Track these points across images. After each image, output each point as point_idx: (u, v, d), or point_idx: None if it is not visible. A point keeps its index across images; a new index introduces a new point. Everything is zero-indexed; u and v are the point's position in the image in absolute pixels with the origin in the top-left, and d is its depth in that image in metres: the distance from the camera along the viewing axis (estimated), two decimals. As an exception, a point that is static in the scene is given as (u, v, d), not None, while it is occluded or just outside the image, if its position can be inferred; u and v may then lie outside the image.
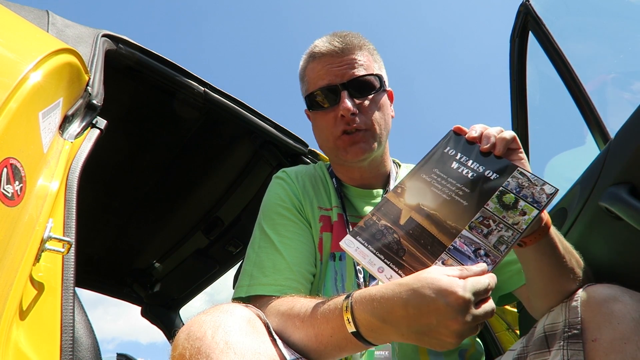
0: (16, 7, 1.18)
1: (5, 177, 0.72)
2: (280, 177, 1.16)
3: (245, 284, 0.97)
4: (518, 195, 0.73)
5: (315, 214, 1.09)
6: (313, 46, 1.12)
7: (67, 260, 0.87)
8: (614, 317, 0.71)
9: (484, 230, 0.70)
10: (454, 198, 0.75)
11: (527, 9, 1.50)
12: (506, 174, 0.76)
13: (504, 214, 0.71)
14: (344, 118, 1.04)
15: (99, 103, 1.16)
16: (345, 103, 1.03)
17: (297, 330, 0.76)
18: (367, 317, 0.67)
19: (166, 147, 2.06)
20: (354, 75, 1.06)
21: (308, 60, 1.13)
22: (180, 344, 0.66)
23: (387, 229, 0.75)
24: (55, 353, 0.77)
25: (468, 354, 1.03)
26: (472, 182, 0.76)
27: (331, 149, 1.10)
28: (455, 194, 0.76)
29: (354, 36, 1.11)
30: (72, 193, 0.94)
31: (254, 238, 1.07)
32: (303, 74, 1.15)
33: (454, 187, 0.77)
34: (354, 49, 1.09)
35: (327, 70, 1.07)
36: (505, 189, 0.74)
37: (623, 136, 0.94)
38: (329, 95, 1.07)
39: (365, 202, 1.13)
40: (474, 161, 0.79)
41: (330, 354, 0.74)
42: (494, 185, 0.75)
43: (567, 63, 1.39)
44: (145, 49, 1.54)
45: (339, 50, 1.08)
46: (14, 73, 0.80)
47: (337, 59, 1.08)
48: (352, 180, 1.16)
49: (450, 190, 0.76)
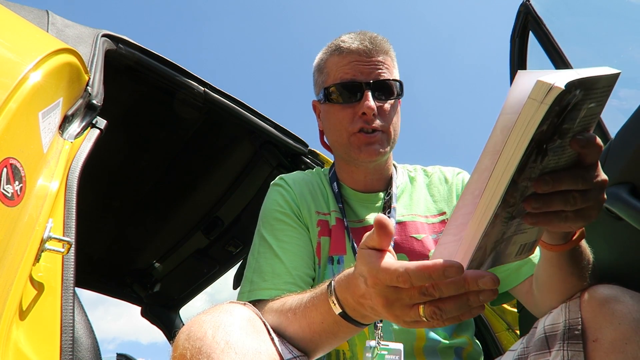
0: (16, 7, 1.18)
1: (5, 177, 0.72)
2: (278, 184, 1.17)
3: (246, 290, 0.99)
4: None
5: (313, 218, 1.09)
6: (340, 40, 1.11)
7: (67, 260, 0.87)
8: (615, 317, 0.71)
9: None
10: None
11: (527, 9, 1.50)
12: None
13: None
14: (364, 116, 1.05)
15: (99, 103, 1.16)
16: (369, 101, 1.03)
17: (290, 324, 0.77)
18: (347, 296, 0.67)
19: (166, 147, 2.06)
20: (380, 77, 1.07)
21: (332, 52, 1.12)
22: (181, 344, 0.66)
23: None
24: (55, 353, 0.77)
25: (465, 352, 1.03)
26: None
27: (344, 145, 1.10)
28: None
29: (382, 39, 1.11)
30: (72, 193, 0.94)
31: (253, 245, 1.08)
32: (323, 65, 1.14)
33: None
34: (381, 52, 1.09)
35: (353, 67, 1.07)
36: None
37: (623, 136, 0.93)
38: (351, 91, 1.07)
39: (367, 208, 1.13)
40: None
41: (325, 342, 0.74)
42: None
43: (567, 63, 1.39)
44: (145, 49, 1.54)
45: (368, 50, 1.08)
46: (14, 73, 0.79)
47: (365, 58, 1.07)
48: (355, 183, 1.16)
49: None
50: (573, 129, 0.55)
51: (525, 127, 0.50)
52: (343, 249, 1.05)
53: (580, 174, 0.58)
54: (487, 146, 0.55)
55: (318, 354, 0.79)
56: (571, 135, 0.56)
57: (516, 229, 0.63)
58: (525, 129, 0.50)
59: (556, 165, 0.58)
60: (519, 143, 0.51)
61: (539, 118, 0.49)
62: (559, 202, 0.58)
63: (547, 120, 0.50)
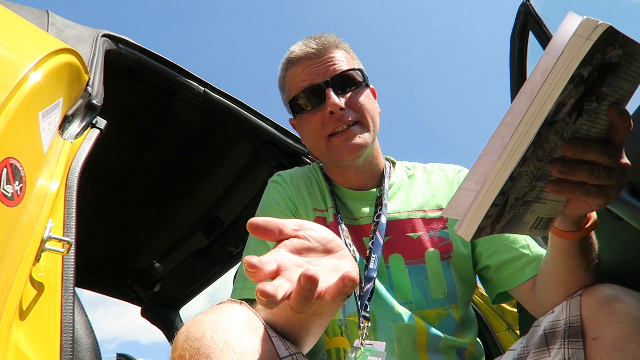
0: (16, 7, 1.18)
1: (5, 177, 0.72)
2: (275, 180, 1.17)
3: (239, 287, 0.99)
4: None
5: (310, 216, 1.09)
6: (289, 52, 1.12)
7: (67, 261, 0.87)
8: (615, 316, 0.71)
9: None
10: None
11: (527, 9, 1.50)
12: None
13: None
14: (333, 115, 1.04)
15: (99, 103, 1.16)
16: (332, 99, 1.03)
17: (279, 311, 0.73)
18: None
19: (166, 147, 2.06)
20: (336, 72, 1.06)
21: (286, 66, 1.13)
22: (180, 345, 0.66)
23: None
24: (55, 353, 0.77)
25: (467, 353, 1.03)
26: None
27: (323, 151, 1.09)
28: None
29: (328, 36, 1.11)
30: (72, 193, 0.94)
31: (248, 242, 1.08)
32: (283, 82, 1.15)
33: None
34: (331, 48, 1.09)
35: (307, 72, 1.07)
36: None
37: (623, 136, 0.93)
38: (313, 96, 1.07)
39: (361, 204, 1.12)
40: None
41: (311, 324, 0.71)
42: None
43: (567, 63, 1.39)
44: (145, 49, 1.54)
45: (316, 51, 1.08)
46: (14, 73, 0.80)
47: (316, 60, 1.07)
48: (347, 182, 1.15)
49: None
50: (610, 96, 0.57)
51: (567, 64, 0.51)
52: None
53: (607, 149, 0.60)
54: (523, 89, 0.55)
55: (308, 342, 0.76)
56: (607, 103, 0.57)
57: (537, 195, 0.64)
58: (568, 66, 0.51)
59: (587, 133, 0.60)
60: (559, 80, 0.52)
61: (582, 54, 0.50)
62: (584, 172, 0.60)
63: (588, 63, 0.51)
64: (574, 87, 0.53)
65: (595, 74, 0.53)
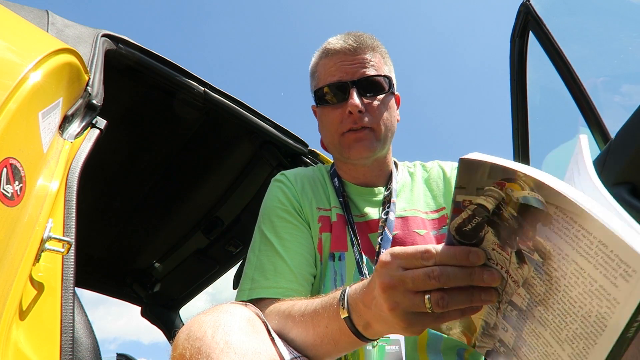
0: (16, 7, 1.18)
1: (5, 177, 0.72)
2: (279, 179, 1.17)
3: (247, 287, 0.98)
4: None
5: (314, 214, 1.09)
6: (327, 43, 1.14)
7: (67, 261, 0.87)
8: None
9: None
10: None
11: (527, 9, 1.50)
12: None
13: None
14: (351, 115, 1.05)
15: (98, 103, 1.16)
16: (353, 99, 1.04)
17: (295, 326, 0.77)
18: (357, 300, 0.68)
19: (166, 147, 2.06)
20: (365, 74, 1.07)
21: (320, 56, 1.14)
22: (181, 344, 0.66)
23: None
24: (55, 353, 0.77)
25: (467, 353, 1.03)
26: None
27: (335, 145, 1.11)
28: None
29: (368, 37, 1.12)
30: (72, 193, 0.94)
31: (254, 242, 1.07)
32: (314, 69, 1.16)
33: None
34: (367, 49, 1.10)
35: (338, 67, 1.08)
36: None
37: (623, 136, 0.93)
38: (338, 92, 1.08)
39: (367, 201, 1.13)
40: None
41: (326, 349, 0.74)
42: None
43: (567, 63, 1.39)
44: (145, 49, 1.54)
45: (352, 49, 1.09)
46: (14, 73, 0.80)
47: (350, 57, 1.09)
48: (355, 179, 1.16)
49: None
50: (556, 258, 0.49)
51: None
52: (344, 246, 1.05)
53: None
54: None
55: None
56: (556, 267, 0.49)
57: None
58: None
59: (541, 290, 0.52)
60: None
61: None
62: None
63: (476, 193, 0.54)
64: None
65: (513, 212, 0.51)
